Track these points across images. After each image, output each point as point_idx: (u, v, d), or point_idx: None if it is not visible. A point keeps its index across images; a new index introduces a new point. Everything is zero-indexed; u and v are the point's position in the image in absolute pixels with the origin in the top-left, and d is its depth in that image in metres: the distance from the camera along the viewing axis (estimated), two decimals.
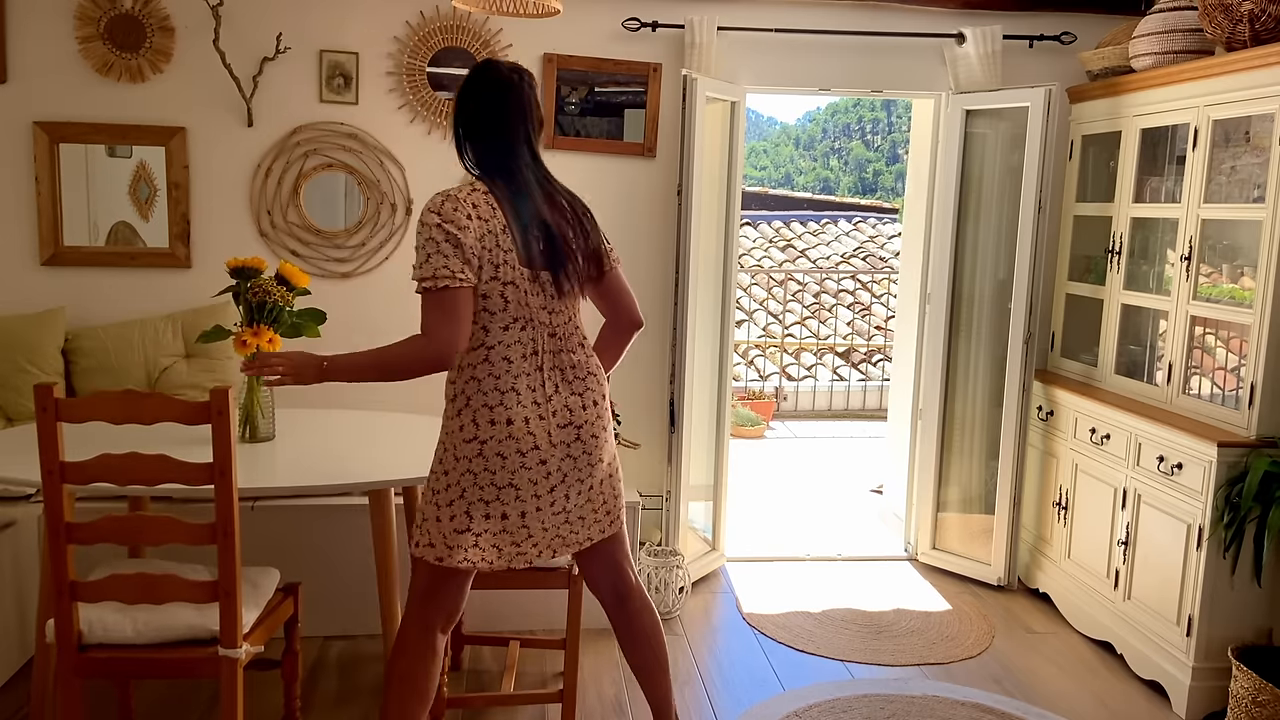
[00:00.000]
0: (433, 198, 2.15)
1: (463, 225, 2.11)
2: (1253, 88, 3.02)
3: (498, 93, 2.24)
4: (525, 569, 2.71)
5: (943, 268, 4.14)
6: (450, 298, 2.10)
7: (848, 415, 7.98)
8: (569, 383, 2.26)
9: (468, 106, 2.25)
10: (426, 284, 2.10)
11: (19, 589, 3.10)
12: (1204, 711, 3.05)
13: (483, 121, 2.24)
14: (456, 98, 2.27)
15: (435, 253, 2.09)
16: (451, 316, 2.10)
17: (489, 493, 2.19)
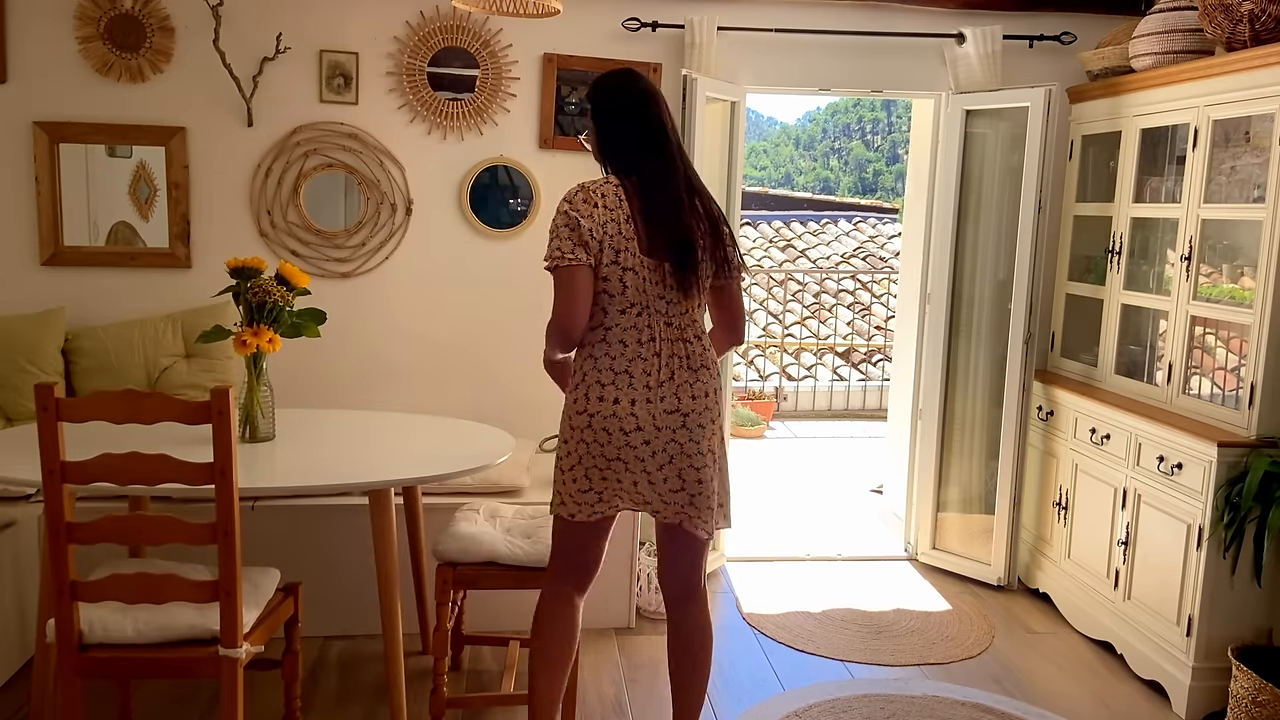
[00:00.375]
0: (569, 190, 2.35)
1: (585, 212, 2.29)
2: (1253, 88, 3.02)
3: (634, 99, 2.38)
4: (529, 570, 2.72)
5: (943, 268, 4.14)
6: (566, 275, 2.28)
7: (848, 415, 7.98)
8: (682, 371, 2.37)
9: (605, 112, 2.40)
10: (546, 264, 2.30)
11: (19, 589, 3.10)
12: (1204, 711, 3.05)
13: (616, 126, 2.39)
14: (596, 102, 2.42)
15: (555, 236, 2.29)
16: (568, 292, 2.29)
17: (600, 463, 2.37)
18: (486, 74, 3.93)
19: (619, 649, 3.45)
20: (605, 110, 2.41)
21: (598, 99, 2.42)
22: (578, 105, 4.01)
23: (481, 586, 2.75)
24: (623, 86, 2.40)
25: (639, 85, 2.40)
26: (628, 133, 2.38)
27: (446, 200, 4.02)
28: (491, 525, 2.93)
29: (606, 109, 2.40)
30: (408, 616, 3.40)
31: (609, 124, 2.40)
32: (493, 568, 2.72)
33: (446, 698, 2.76)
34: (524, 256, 4.08)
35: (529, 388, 4.14)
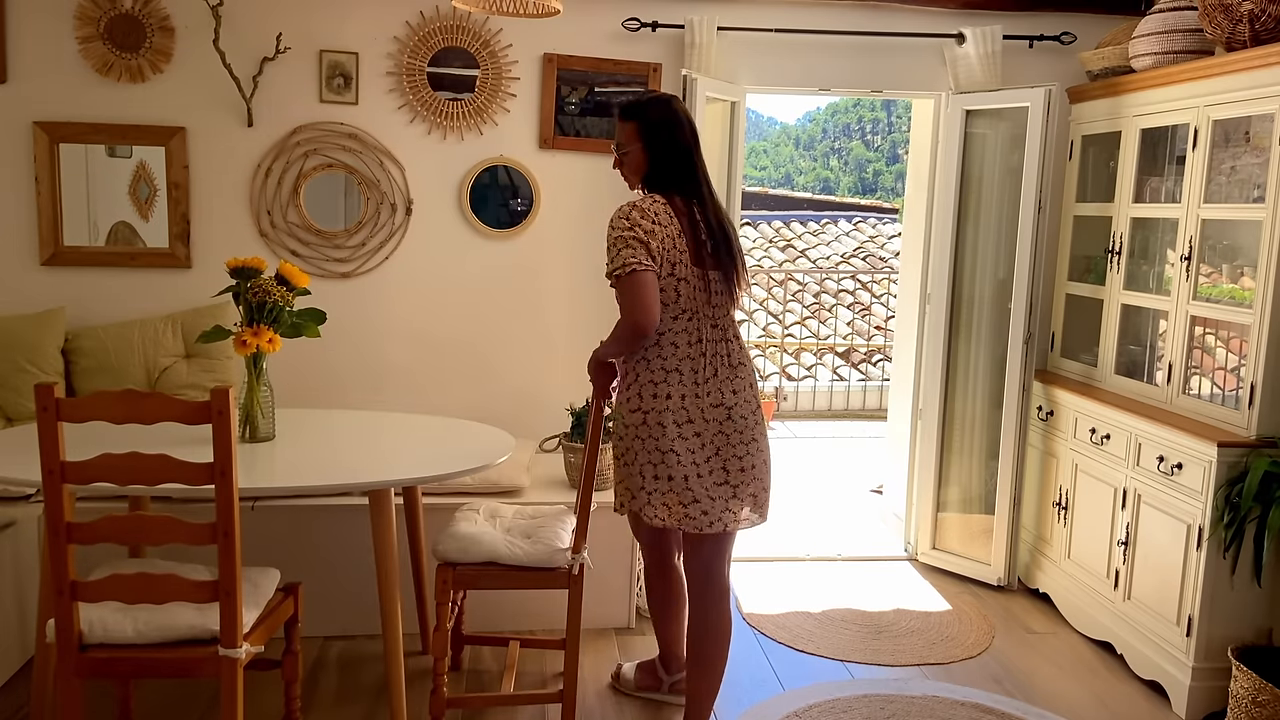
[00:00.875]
0: (621, 207, 2.53)
1: (648, 229, 2.49)
2: (1253, 88, 3.02)
3: (685, 123, 2.65)
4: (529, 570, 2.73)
5: (943, 268, 4.14)
6: (639, 280, 2.45)
7: (848, 415, 7.98)
8: (724, 368, 2.61)
9: (661, 135, 2.61)
10: (617, 272, 2.46)
11: (19, 589, 3.10)
12: (1204, 711, 3.05)
13: (672, 147, 2.62)
14: (651, 125, 2.62)
15: (623, 247, 2.46)
16: (643, 295, 2.45)
17: (655, 456, 2.57)
18: (486, 74, 3.94)
19: (619, 649, 3.45)
20: (660, 135, 2.61)
21: (654, 122, 2.61)
22: (578, 105, 4.01)
23: (481, 586, 2.75)
24: (676, 113, 2.63)
25: (684, 110, 2.67)
26: (679, 156, 2.61)
27: (446, 200, 4.02)
28: (491, 525, 2.93)
29: (662, 134, 2.61)
30: (408, 616, 3.40)
31: (663, 147, 2.61)
32: (493, 568, 2.72)
33: (447, 698, 2.75)
34: (524, 256, 4.09)
35: (529, 387, 4.14)
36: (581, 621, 2.80)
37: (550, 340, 4.14)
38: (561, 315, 4.13)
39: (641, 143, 2.62)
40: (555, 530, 2.86)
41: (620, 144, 2.67)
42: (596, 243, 4.06)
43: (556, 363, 4.14)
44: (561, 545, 2.78)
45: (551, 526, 2.89)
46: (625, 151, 2.65)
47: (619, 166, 2.71)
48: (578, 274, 4.12)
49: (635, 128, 2.62)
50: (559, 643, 3.13)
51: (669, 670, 3.10)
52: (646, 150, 2.62)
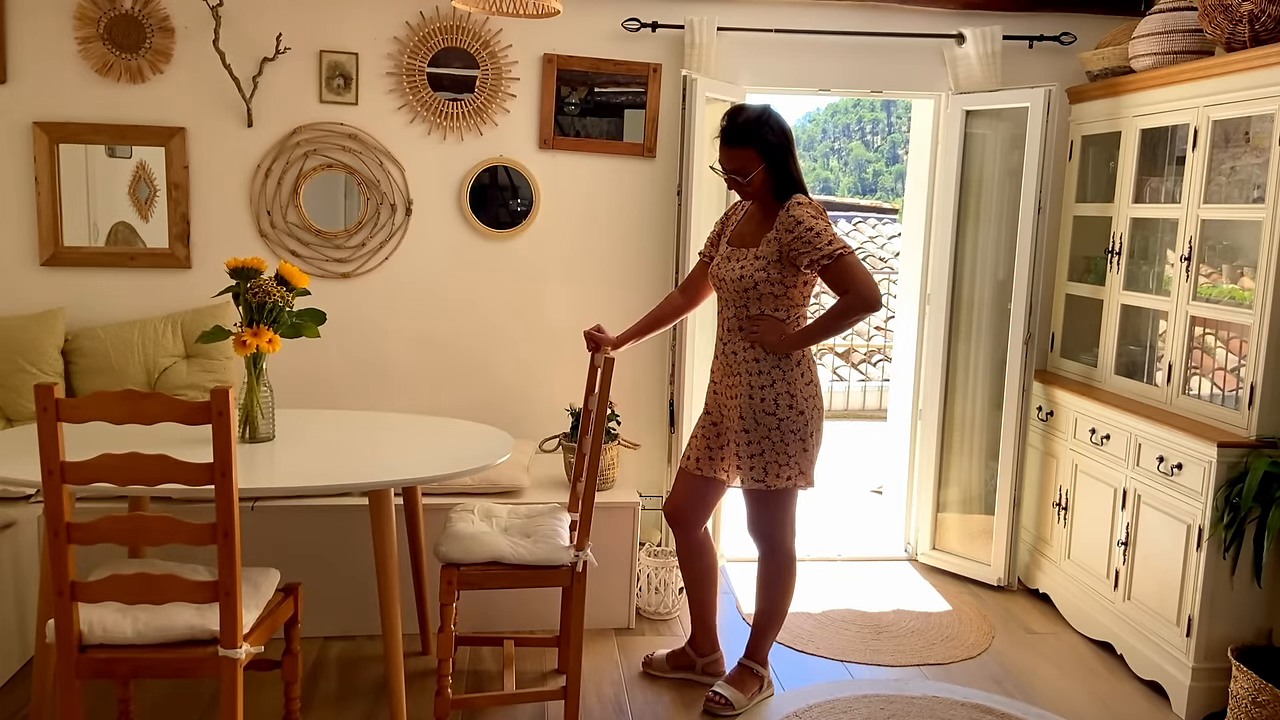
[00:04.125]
0: (806, 205, 2.80)
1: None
2: (1253, 88, 3.02)
3: (789, 132, 2.86)
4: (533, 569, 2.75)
5: (942, 268, 4.14)
6: (856, 258, 2.77)
7: (847, 415, 7.98)
8: None
9: (779, 152, 2.81)
10: (840, 251, 2.74)
11: (19, 589, 3.10)
12: (1204, 712, 3.05)
13: (791, 159, 2.86)
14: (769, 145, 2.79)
15: (830, 229, 2.77)
16: (865, 268, 2.77)
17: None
18: (486, 74, 3.94)
19: (619, 649, 3.45)
20: (778, 152, 2.81)
21: (773, 143, 2.79)
22: (578, 105, 4.01)
23: (486, 586, 2.74)
24: (784, 124, 2.82)
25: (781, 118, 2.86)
26: (795, 166, 2.85)
27: (446, 200, 4.02)
28: (488, 525, 2.93)
29: (779, 152, 2.81)
30: (408, 617, 3.40)
31: (783, 163, 2.82)
32: (496, 568, 2.72)
33: (451, 699, 2.75)
34: (524, 257, 4.09)
35: (529, 388, 4.14)
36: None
37: (550, 340, 4.14)
38: (561, 315, 4.13)
39: (764, 163, 2.80)
40: (554, 528, 2.86)
41: (738, 170, 2.80)
42: (596, 243, 4.08)
43: (556, 363, 4.14)
44: (564, 543, 2.79)
45: (549, 524, 2.89)
46: (748, 177, 2.80)
47: (736, 189, 2.88)
48: (578, 274, 4.12)
49: (753, 152, 2.78)
50: (553, 640, 3.16)
51: (701, 653, 3.22)
52: (771, 170, 2.81)
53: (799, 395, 2.94)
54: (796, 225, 2.76)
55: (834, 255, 2.74)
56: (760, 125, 2.78)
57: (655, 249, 4.14)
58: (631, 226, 4.12)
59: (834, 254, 2.74)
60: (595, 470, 2.77)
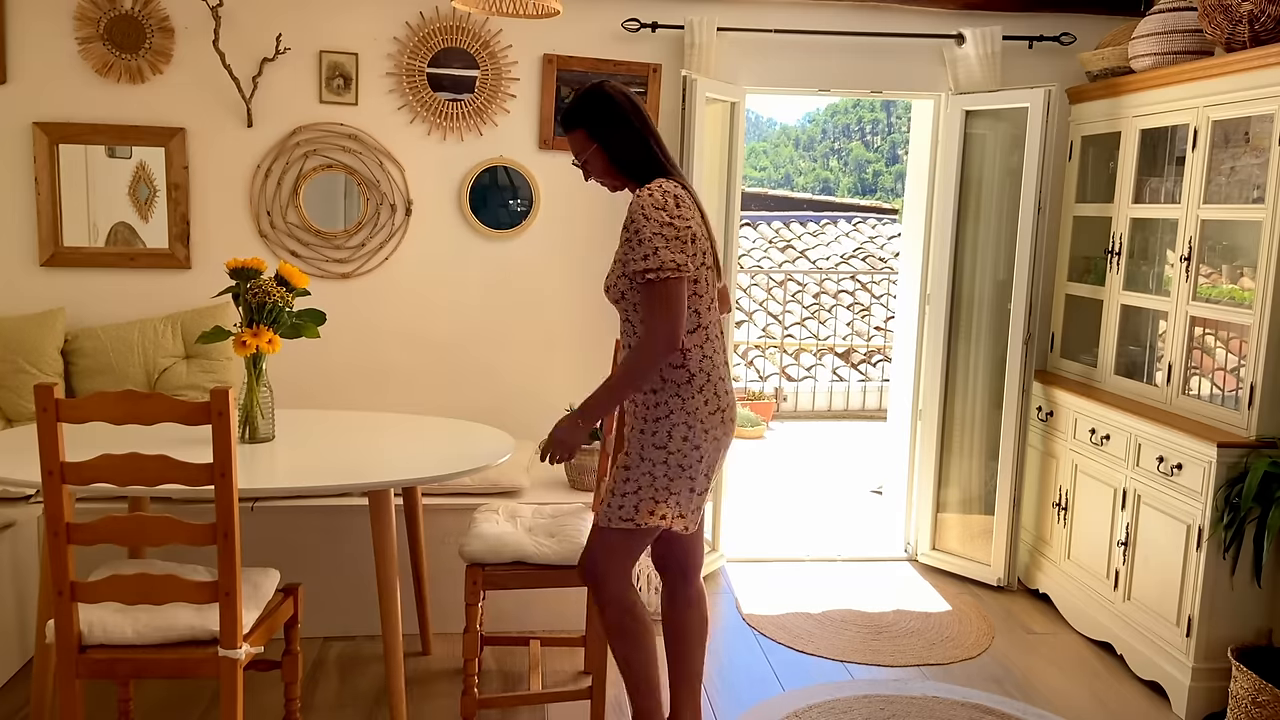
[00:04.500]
0: (653, 193, 2.26)
1: (687, 216, 2.27)
2: (1252, 88, 3.02)
3: (625, 103, 2.38)
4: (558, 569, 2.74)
5: (942, 268, 4.14)
6: (677, 288, 2.24)
7: (847, 416, 7.98)
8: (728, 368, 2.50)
9: (623, 114, 2.36)
10: (669, 273, 2.22)
11: (19, 589, 3.10)
12: (1204, 712, 3.05)
13: (641, 124, 2.38)
14: (594, 123, 2.37)
15: (664, 245, 2.22)
16: (679, 305, 2.25)
17: (723, 455, 2.44)
18: (486, 74, 3.94)
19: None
20: (608, 128, 2.36)
21: (596, 119, 2.37)
22: None
23: (510, 586, 2.75)
24: (611, 96, 2.38)
25: (620, 90, 2.40)
26: (638, 142, 2.37)
27: (446, 201, 4.02)
28: (513, 525, 2.94)
29: (609, 127, 2.36)
30: (407, 617, 3.40)
31: (627, 129, 2.36)
32: (521, 568, 2.73)
33: (479, 698, 2.76)
34: (524, 257, 4.09)
35: (528, 388, 4.14)
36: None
37: (550, 341, 4.14)
38: (561, 316, 4.13)
39: (597, 144, 2.39)
40: (579, 528, 2.88)
41: (577, 157, 2.43)
42: (596, 243, 4.08)
43: (556, 363, 4.14)
44: None
45: (574, 524, 2.91)
46: (585, 161, 2.42)
47: (590, 178, 2.48)
48: (577, 274, 4.11)
49: (583, 133, 2.39)
50: (578, 640, 3.18)
51: None
52: (609, 150, 2.38)
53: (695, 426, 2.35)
54: (629, 222, 2.26)
55: (643, 276, 2.22)
56: (585, 102, 2.38)
57: None
58: None
59: (644, 274, 2.22)
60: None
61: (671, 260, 2.21)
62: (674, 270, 2.22)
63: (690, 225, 2.27)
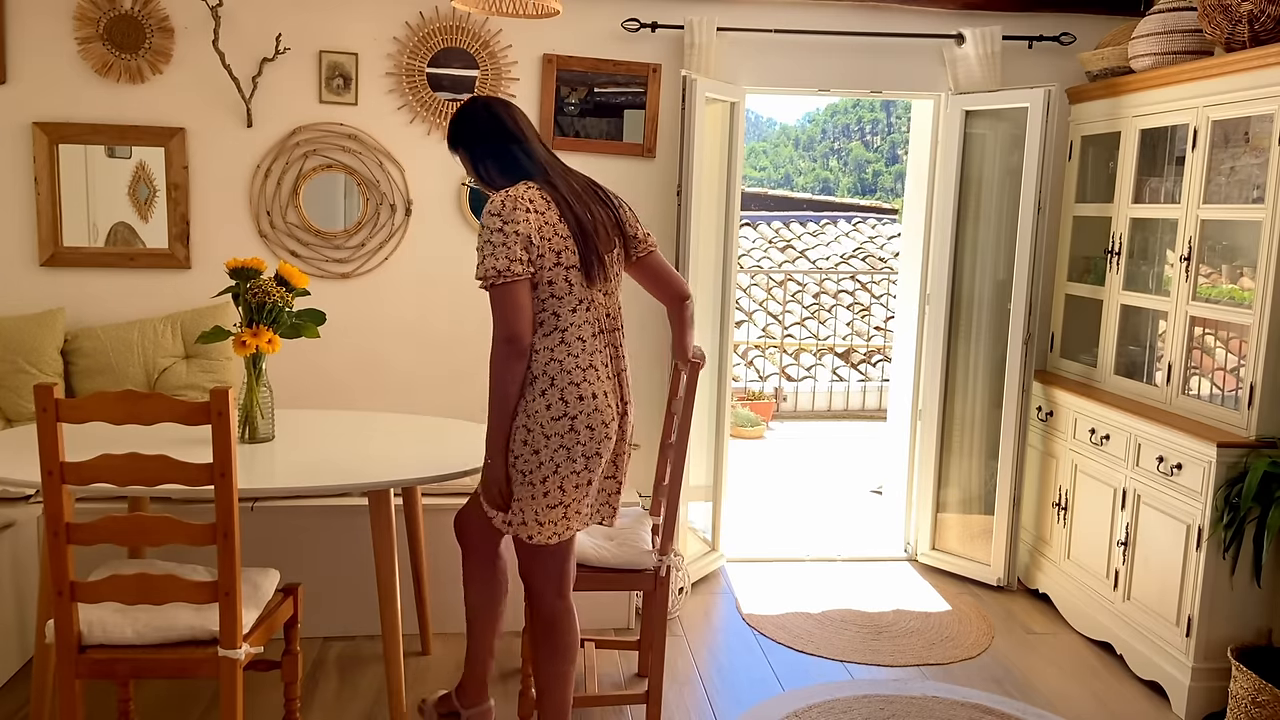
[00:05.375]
0: (493, 199, 2.29)
1: (520, 219, 2.26)
2: (1252, 88, 3.02)
3: (501, 108, 2.44)
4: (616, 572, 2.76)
5: (942, 268, 4.14)
6: (511, 291, 2.25)
7: (847, 416, 7.98)
8: (619, 359, 2.46)
9: (480, 129, 2.42)
10: (492, 279, 2.24)
11: (19, 589, 3.10)
12: (1204, 712, 3.05)
13: (499, 135, 2.41)
14: (464, 131, 2.44)
15: (492, 252, 2.24)
16: (516, 307, 2.26)
17: (579, 464, 2.35)
18: (486, 75, 3.94)
19: (618, 650, 3.45)
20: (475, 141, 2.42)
21: (464, 135, 2.43)
22: (578, 106, 4.01)
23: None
24: (475, 112, 2.43)
25: (488, 105, 2.45)
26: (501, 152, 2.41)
27: (446, 201, 4.02)
28: None
29: (475, 140, 2.42)
30: (407, 617, 3.40)
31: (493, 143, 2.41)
32: (580, 569, 2.73)
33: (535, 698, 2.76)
34: None
35: None
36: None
37: None
38: None
39: (470, 156, 2.45)
40: (637, 533, 2.90)
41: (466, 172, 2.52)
42: None
43: None
44: (647, 547, 2.81)
45: (633, 529, 2.92)
46: (470, 177, 2.51)
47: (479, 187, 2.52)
48: None
49: (462, 152, 2.47)
50: (631, 644, 3.22)
51: (471, 700, 2.75)
52: (481, 167, 2.44)
53: (536, 431, 2.31)
54: (480, 230, 2.30)
55: (485, 284, 2.26)
56: (458, 123, 2.44)
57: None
58: None
59: (483, 280, 2.25)
60: (679, 476, 2.77)
61: (493, 268, 2.23)
62: (495, 276, 2.23)
63: (519, 228, 2.24)
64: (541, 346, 2.33)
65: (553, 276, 2.30)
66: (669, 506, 2.79)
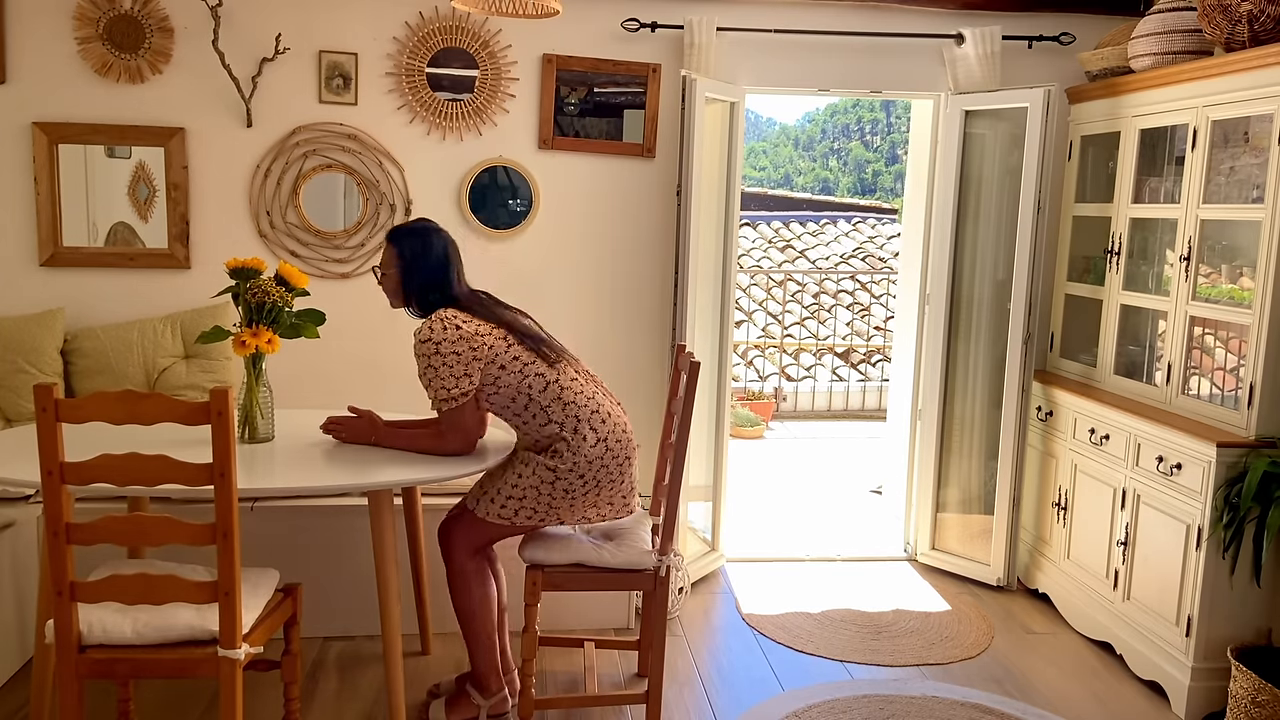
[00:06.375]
0: (431, 326, 2.60)
1: (461, 338, 2.59)
2: (1252, 88, 3.02)
3: (441, 240, 2.76)
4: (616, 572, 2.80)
5: (942, 268, 4.14)
6: (464, 410, 2.64)
7: (847, 416, 7.98)
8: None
9: (424, 261, 2.72)
10: (447, 404, 2.61)
11: (19, 589, 3.10)
12: (1203, 712, 3.05)
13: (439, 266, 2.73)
14: (410, 257, 2.72)
15: (448, 371, 2.59)
16: (468, 423, 2.67)
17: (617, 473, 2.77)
18: (486, 74, 3.94)
19: (618, 650, 3.45)
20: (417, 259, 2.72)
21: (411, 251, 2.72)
22: (577, 106, 4.01)
23: (569, 588, 2.78)
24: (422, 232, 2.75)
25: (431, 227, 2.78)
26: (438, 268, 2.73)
27: (446, 201, 4.02)
28: (571, 528, 2.95)
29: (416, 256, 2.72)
30: (407, 617, 3.40)
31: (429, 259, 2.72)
32: (580, 570, 2.76)
33: (535, 699, 2.78)
34: (522, 257, 4.09)
35: None
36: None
37: None
38: (560, 316, 4.13)
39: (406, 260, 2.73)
40: (637, 533, 2.90)
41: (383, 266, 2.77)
42: (595, 244, 4.08)
43: None
44: (647, 547, 2.81)
45: (632, 529, 2.93)
46: (382, 274, 2.77)
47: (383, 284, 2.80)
48: (576, 274, 4.12)
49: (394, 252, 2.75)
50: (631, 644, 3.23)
51: (493, 688, 2.92)
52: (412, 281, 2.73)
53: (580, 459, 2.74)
54: (421, 354, 2.62)
55: (434, 401, 2.64)
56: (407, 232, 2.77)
57: (655, 249, 4.14)
58: (631, 227, 4.12)
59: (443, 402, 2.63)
60: (679, 475, 2.78)
61: (460, 387, 2.61)
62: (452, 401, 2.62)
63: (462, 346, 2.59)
64: (546, 404, 2.72)
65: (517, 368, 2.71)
66: (669, 506, 2.79)
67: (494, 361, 2.65)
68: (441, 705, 2.92)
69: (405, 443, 2.77)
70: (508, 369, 2.66)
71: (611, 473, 2.75)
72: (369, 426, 2.81)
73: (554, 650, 3.40)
